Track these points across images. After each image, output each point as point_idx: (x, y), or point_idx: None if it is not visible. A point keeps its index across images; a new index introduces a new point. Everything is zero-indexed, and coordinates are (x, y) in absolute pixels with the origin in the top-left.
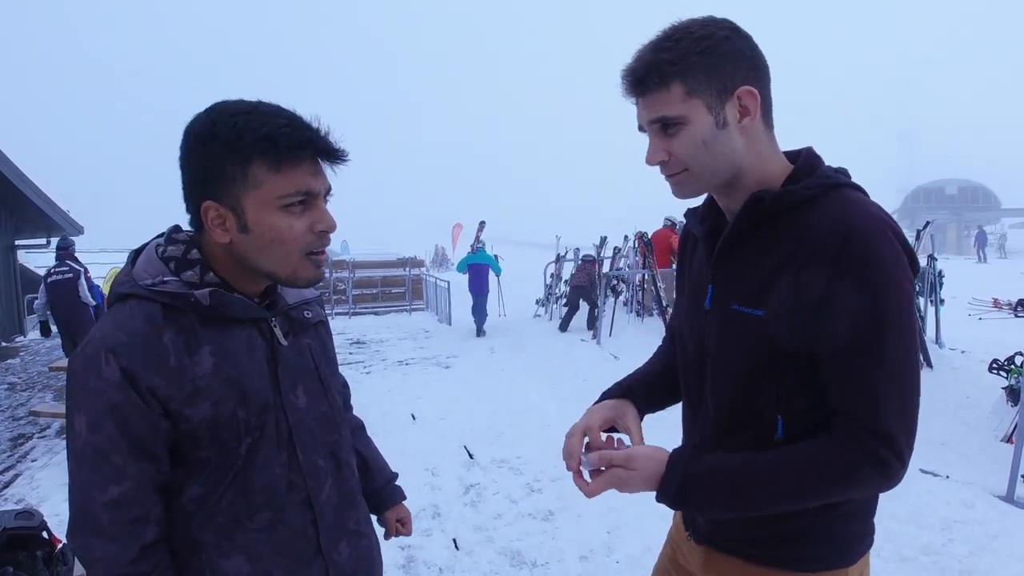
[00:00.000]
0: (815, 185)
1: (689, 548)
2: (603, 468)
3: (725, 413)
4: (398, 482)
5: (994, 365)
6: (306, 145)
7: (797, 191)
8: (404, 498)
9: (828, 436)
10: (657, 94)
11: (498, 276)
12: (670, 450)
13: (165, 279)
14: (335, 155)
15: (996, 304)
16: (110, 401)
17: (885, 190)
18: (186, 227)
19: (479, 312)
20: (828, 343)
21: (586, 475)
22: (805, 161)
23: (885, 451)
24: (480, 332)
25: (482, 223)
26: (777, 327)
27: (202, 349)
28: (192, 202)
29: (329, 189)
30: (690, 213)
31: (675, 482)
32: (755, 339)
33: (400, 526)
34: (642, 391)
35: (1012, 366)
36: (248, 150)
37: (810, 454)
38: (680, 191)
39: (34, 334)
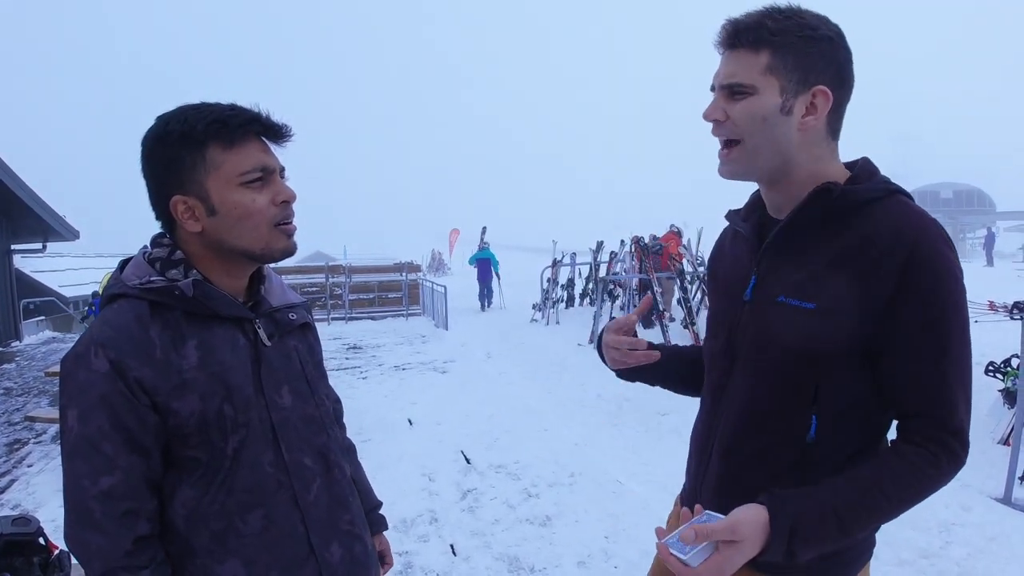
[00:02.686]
0: (877, 188)
1: None
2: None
3: (752, 409)
4: (392, 497)
5: (990, 367)
6: (252, 122)
7: (861, 190)
8: (385, 528)
9: (908, 443)
10: (744, 53)
11: (497, 273)
12: (761, 503)
13: (152, 278)
14: (279, 131)
15: (992, 307)
16: (100, 392)
17: None
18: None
19: (485, 295)
20: (898, 348)
21: (680, 554)
22: (864, 168)
23: (958, 446)
24: (484, 308)
25: (484, 228)
26: (827, 322)
27: (187, 344)
28: (160, 204)
29: (283, 168)
30: (732, 214)
31: (784, 537)
32: (801, 332)
33: (381, 557)
34: (664, 351)
35: (1008, 368)
36: (201, 135)
37: (903, 464)
38: (727, 168)
39: (30, 339)
